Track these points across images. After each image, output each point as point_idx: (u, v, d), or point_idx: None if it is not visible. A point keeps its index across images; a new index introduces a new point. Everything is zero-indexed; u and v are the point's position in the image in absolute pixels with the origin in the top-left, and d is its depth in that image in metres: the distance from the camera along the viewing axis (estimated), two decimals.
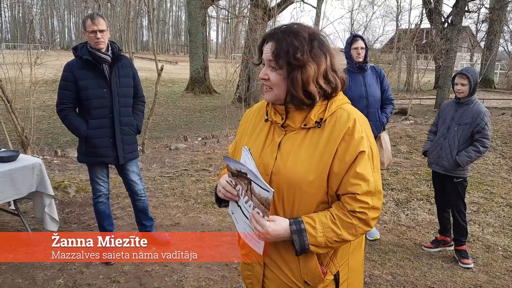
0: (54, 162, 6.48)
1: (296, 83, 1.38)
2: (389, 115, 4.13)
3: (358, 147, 1.37)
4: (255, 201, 1.43)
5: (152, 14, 8.71)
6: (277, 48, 1.39)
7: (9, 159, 3.62)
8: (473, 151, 3.58)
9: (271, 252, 1.51)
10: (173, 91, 20.39)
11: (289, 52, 1.37)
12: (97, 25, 3.21)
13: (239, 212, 1.54)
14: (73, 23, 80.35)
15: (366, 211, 1.38)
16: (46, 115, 12.30)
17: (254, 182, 1.39)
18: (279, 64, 1.39)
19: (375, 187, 1.39)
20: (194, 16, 18.27)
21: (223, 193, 1.52)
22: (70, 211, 4.62)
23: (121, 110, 3.40)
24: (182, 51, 75.76)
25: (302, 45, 1.38)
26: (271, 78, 1.43)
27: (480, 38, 28.35)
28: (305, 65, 1.37)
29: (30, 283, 3.22)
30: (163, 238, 3.89)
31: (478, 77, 3.65)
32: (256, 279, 1.60)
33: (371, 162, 1.39)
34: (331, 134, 1.40)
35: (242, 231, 1.58)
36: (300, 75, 1.38)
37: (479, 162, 7.04)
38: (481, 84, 21.52)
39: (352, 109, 1.46)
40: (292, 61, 1.37)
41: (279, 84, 1.43)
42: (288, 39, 1.39)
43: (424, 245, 4.01)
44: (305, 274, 1.46)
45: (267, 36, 1.45)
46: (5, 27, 68.31)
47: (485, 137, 3.55)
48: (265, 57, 1.44)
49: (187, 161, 6.76)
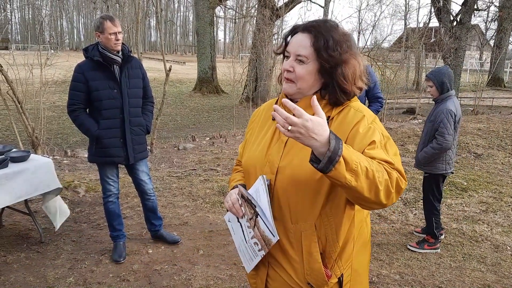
0: (64, 162, 6.55)
1: (347, 76, 1.36)
2: (375, 113, 4.13)
3: (367, 137, 1.31)
4: (257, 234, 1.41)
5: (160, 15, 8.76)
6: (318, 41, 1.36)
7: (20, 159, 3.68)
8: (429, 148, 3.76)
9: (275, 252, 1.51)
10: (181, 91, 20.46)
11: (333, 46, 1.35)
12: (117, 27, 3.27)
13: (238, 227, 1.53)
14: (82, 24, 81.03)
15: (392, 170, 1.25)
16: (56, 115, 12.42)
17: (262, 219, 1.37)
18: (319, 57, 1.36)
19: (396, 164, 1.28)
20: (202, 16, 18.32)
21: (229, 207, 1.52)
22: (80, 211, 4.67)
23: (131, 110, 3.44)
24: (190, 51, 75.97)
25: (342, 41, 1.36)
26: (297, 71, 1.39)
27: (489, 36, 28.11)
28: (350, 60, 1.36)
29: (41, 282, 3.26)
30: (172, 237, 3.94)
31: (443, 76, 3.73)
32: (260, 279, 1.60)
33: (384, 150, 1.31)
34: (337, 131, 1.35)
35: (238, 245, 1.58)
36: (348, 69, 1.36)
37: (488, 161, 7.00)
38: (491, 83, 21.33)
39: (360, 106, 1.43)
40: (336, 55, 1.35)
41: (305, 78, 1.39)
42: (330, 33, 1.36)
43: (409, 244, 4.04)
44: (308, 276, 1.45)
45: (298, 27, 1.42)
46: (15, 29, 68.96)
47: (440, 134, 3.66)
48: (293, 49, 1.40)
49: (195, 161, 6.80)
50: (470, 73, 28.58)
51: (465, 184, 5.75)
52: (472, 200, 5.23)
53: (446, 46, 13.87)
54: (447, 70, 3.79)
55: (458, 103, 3.78)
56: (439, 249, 3.96)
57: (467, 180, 5.94)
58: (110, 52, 3.31)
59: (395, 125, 9.57)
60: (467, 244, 4.09)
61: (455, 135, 3.73)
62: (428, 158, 3.79)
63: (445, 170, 3.83)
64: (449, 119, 3.64)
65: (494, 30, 25.13)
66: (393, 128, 8.97)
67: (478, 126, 9.14)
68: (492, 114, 12.04)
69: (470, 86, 21.68)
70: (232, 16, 28.20)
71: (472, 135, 8.42)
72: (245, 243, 1.49)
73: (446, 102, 3.71)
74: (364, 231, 1.55)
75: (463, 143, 7.83)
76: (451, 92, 3.74)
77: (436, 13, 15.82)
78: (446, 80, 3.71)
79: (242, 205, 1.47)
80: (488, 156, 7.30)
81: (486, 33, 29.66)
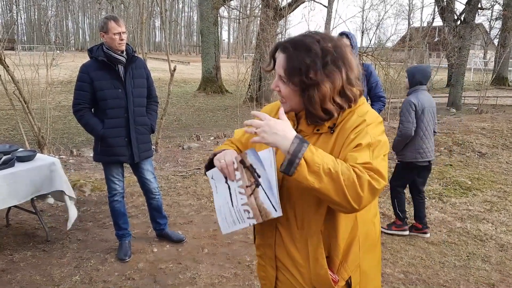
0: (69, 162, 6.59)
1: (314, 101, 1.34)
2: (378, 112, 4.14)
3: (354, 141, 1.32)
4: (252, 203, 1.38)
5: (164, 15, 8.79)
6: (289, 65, 1.35)
7: (26, 159, 3.71)
8: (396, 137, 4.06)
9: (282, 256, 1.52)
10: (185, 91, 20.50)
11: (302, 70, 1.32)
12: (121, 27, 3.30)
13: (224, 188, 1.48)
14: (87, 24, 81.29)
15: (366, 171, 1.26)
16: (62, 115, 12.47)
17: (264, 191, 1.35)
18: (292, 81, 1.35)
19: (374, 164, 1.28)
20: (206, 16, 18.35)
21: (221, 167, 1.44)
22: (85, 210, 4.70)
23: (136, 110, 3.47)
24: (194, 51, 76.02)
25: (314, 62, 1.32)
26: (282, 91, 1.40)
27: (493, 35, 27.98)
28: (319, 84, 1.32)
29: (47, 280, 3.29)
30: (176, 236, 3.96)
31: (416, 71, 4.01)
32: (269, 281, 1.61)
33: (370, 152, 1.31)
34: (338, 137, 1.37)
35: (218, 205, 1.51)
36: (316, 94, 1.33)
37: (492, 160, 6.99)
38: (495, 82, 21.23)
39: (364, 111, 1.41)
40: (305, 80, 1.33)
41: (291, 98, 1.39)
42: (300, 56, 1.33)
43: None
44: (315, 281, 1.45)
45: (279, 46, 1.41)
46: (21, 29, 69.27)
47: (400, 122, 3.99)
48: (276, 68, 1.40)
49: (199, 160, 6.82)
50: (474, 72, 28.43)
51: (469, 183, 5.75)
52: (477, 199, 5.23)
53: (450, 45, 13.83)
54: (422, 67, 4.08)
55: (426, 97, 4.02)
56: (407, 232, 4.20)
57: (472, 179, 5.93)
58: (115, 52, 3.34)
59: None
60: (472, 243, 4.09)
61: (421, 125, 3.96)
62: (395, 146, 4.08)
63: (415, 159, 4.02)
64: (408, 109, 3.94)
65: (498, 29, 24.99)
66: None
67: (482, 125, 9.12)
68: (496, 113, 12.00)
69: (474, 85, 21.58)
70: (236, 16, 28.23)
71: (476, 134, 8.39)
72: (231, 206, 1.45)
73: (411, 94, 4.02)
74: (372, 232, 1.54)
75: (467, 142, 7.81)
76: (419, 86, 4.00)
77: (440, 12, 15.79)
78: (417, 75, 3.98)
79: (238, 169, 1.42)
80: (493, 155, 7.28)
81: (490, 32, 29.51)
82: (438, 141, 7.80)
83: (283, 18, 16.59)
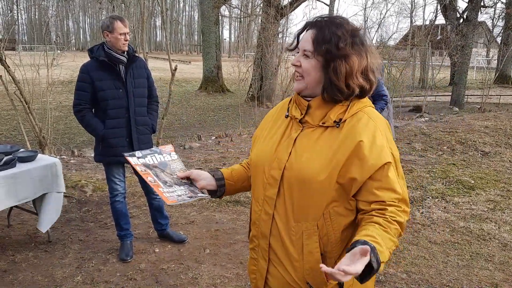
0: (71, 162, 6.58)
1: (339, 72, 1.36)
2: (378, 111, 4.14)
3: (380, 157, 1.33)
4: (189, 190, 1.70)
5: (165, 15, 8.78)
6: (318, 36, 1.38)
7: (28, 159, 3.70)
8: None
9: (276, 247, 1.50)
10: (186, 91, 20.51)
11: (332, 40, 1.36)
12: (127, 27, 3.30)
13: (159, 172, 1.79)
14: (88, 24, 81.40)
15: (401, 214, 1.33)
16: (63, 115, 12.49)
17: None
18: (318, 51, 1.37)
19: (402, 195, 1.35)
20: (207, 15, 18.35)
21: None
22: (87, 210, 4.69)
23: (137, 110, 3.45)
24: (195, 50, 76.07)
25: (345, 36, 1.36)
26: (303, 65, 1.41)
27: (496, 33, 27.91)
28: (348, 56, 1.36)
29: (49, 281, 3.29)
30: (178, 237, 3.95)
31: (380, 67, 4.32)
32: (259, 274, 1.59)
33: (395, 170, 1.36)
34: (348, 136, 1.35)
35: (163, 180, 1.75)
36: (343, 65, 1.35)
37: (496, 159, 6.95)
38: (498, 80, 21.18)
39: (373, 114, 1.43)
40: (334, 50, 1.35)
41: (310, 73, 1.41)
42: (331, 28, 1.37)
43: None
44: (308, 275, 1.44)
45: (309, 24, 1.44)
46: (22, 29, 69.38)
47: None
48: (301, 44, 1.43)
49: (201, 160, 6.80)
50: (477, 70, 28.39)
51: (472, 182, 5.72)
52: (480, 199, 5.20)
53: (452, 43, 13.79)
54: None
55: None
56: None
57: (475, 178, 5.90)
58: (116, 52, 3.33)
59: (401, 123, 9.53)
60: (475, 242, 4.07)
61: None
62: None
63: None
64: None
65: (501, 27, 24.94)
66: (400, 126, 8.94)
67: (485, 124, 9.08)
68: (499, 112, 11.96)
69: (477, 84, 21.53)
70: (237, 15, 28.21)
71: (479, 133, 8.36)
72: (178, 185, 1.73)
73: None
74: None
75: (470, 140, 7.78)
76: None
77: (442, 10, 15.74)
78: None
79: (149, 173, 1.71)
80: (496, 154, 7.25)
81: (493, 30, 29.44)
82: (441, 140, 7.78)
83: (284, 17, 16.55)
